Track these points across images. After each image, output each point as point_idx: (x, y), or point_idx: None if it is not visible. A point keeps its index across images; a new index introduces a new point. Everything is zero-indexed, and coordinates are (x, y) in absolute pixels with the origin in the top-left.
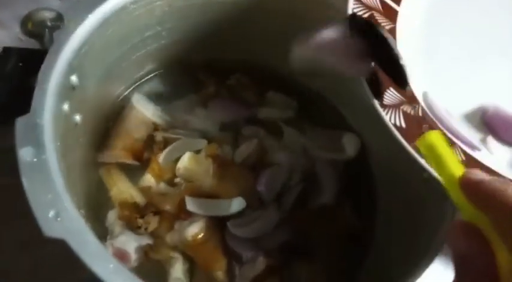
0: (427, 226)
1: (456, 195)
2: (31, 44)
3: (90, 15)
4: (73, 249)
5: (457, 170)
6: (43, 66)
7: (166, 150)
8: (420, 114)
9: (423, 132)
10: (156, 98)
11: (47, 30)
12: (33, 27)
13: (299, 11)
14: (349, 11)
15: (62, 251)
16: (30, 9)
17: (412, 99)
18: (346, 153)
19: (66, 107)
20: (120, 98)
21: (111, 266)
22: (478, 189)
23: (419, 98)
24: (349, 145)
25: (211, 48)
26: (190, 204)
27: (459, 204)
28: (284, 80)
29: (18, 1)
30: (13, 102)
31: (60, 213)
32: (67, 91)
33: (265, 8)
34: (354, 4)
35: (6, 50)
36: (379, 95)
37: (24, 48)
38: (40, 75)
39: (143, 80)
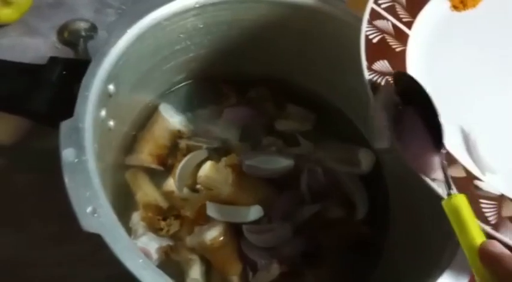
0: (438, 241)
1: (473, 259)
2: (66, 52)
3: (128, 30)
4: (107, 243)
5: (478, 237)
6: (86, 76)
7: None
8: None
9: None
10: (181, 107)
11: (81, 39)
12: (68, 36)
13: (316, 29)
14: (362, 34)
15: (89, 246)
16: (66, 20)
17: None
18: (361, 167)
19: (103, 113)
20: (149, 105)
21: (141, 261)
22: (496, 262)
23: None
24: (365, 160)
25: (234, 62)
26: (211, 210)
27: (474, 267)
28: (303, 93)
29: (57, 12)
30: (57, 107)
31: (96, 210)
32: (105, 98)
33: (286, 26)
34: (367, 27)
35: (53, 59)
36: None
37: (68, 58)
38: (83, 83)
39: (171, 89)
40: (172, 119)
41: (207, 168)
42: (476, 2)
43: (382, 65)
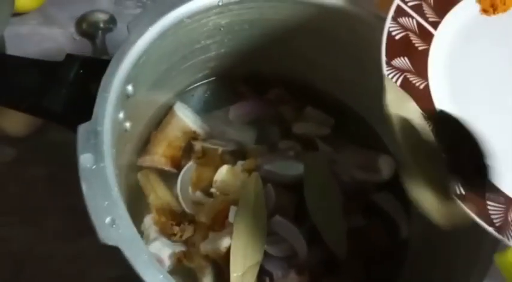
0: (463, 258)
1: None
2: (84, 43)
3: (150, 28)
4: (126, 258)
5: None
6: (105, 76)
7: None
8: None
9: None
10: (197, 107)
11: (100, 31)
12: (87, 27)
13: (340, 31)
14: (385, 29)
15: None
16: (85, 11)
17: None
18: (381, 174)
19: (121, 115)
20: (165, 105)
21: (161, 276)
22: None
23: None
24: (385, 167)
25: (253, 62)
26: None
27: None
28: (322, 96)
29: (76, 2)
30: (73, 106)
31: (115, 220)
32: (123, 99)
33: (309, 27)
34: (391, 23)
35: (69, 57)
36: None
37: (85, 56)
38: (102, 84)
39: (187, 89)
40: (187, 119)
41: (223, 172)
42: (507, 7)
43: (402, 62)
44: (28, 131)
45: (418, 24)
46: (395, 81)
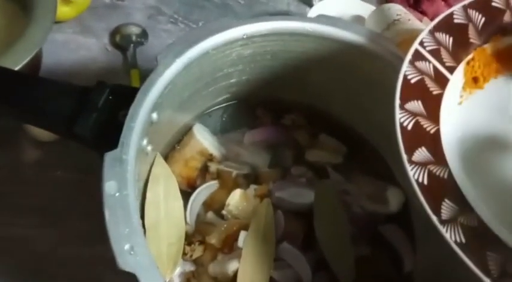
0: None
1: None
2: (116, 55)
3: (177, 60)
4: None
5: None
6: (133, 106)
7: None
8: (476, 223)
9: None
10: (215, 129)
11: (132, 45)
12: (120, 40)
13: (360, 66)
14: (402, 73)
15: None
16: (120, 23)
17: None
18: (389, 207)
19: (145, 141)
20: (184, 127)
21: None
22: None
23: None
24: (394, 199)
25: (273, 89)
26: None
27: None
28: (336, 124)
29: (112, 14)
30: (101, 132)
31: (134, 248)
32: (147, 127)
33: (330, 60)
34: (407, 67)
35: (100, 83)
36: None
37: (115, 84)
38: (130, 113)
39: (206, 111)
40: (205, 141)
41: (236, 197)
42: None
43: (415, 105)
44: (55, 136)
45: (435, 68)
46: (407, 125)
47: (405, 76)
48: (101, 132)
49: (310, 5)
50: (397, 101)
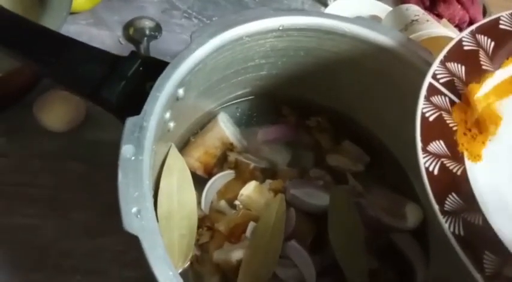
0: None
1: None
2: (129, 48)
3: (210, 40)
4: (143, 248)
5: None
6: (161, 77)
7: None
8: (480, 223)
9: None
10: (238, 121)
11: (145, 38)
12: (133, 33)
13: (392, 73)
14: (419, 112)
15: (123, 244)
16: (134, 16)
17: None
18: (406, 222)
19: (168, 115)
20: (209, 113)
21: (170, 273)
22: None
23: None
24: (411, 215)
25: (302, 88)
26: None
27: None
28: (362, 132)
29: (126, 8)
30: (127, 100)
31: (141, 211)
32: (172, 101)
33: (363, 63)
34: (424, 104)
35: (133, 53)
36: None
37: (148, 55)
38: (157, 83)
39: (233, 101)
40: (228, 130)
41: (251, 188)
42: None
43: (438, 146)
44: (68, 128)
45: (451, 102)
46: (432, 170)
47: (423, 114)
48: (127, 99)
49: (326, 5)
50: (419, 144)
